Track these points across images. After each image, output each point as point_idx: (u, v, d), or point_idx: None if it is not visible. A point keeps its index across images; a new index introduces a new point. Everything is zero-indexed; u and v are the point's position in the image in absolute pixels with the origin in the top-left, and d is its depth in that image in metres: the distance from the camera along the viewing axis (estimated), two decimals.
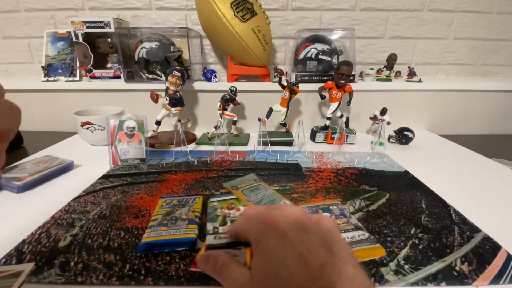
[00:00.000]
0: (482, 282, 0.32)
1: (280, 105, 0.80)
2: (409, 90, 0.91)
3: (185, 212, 0.41)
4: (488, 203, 0.49)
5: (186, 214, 0.41)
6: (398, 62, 0.93)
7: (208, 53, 0.99)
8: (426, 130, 0.95)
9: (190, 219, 0.40)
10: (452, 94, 0.92)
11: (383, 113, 0.79)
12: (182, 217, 0.40)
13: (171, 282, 0.32)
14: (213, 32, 0.82)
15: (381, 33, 0.97)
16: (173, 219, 0.40)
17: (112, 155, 0.62)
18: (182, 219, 0.40)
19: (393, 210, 0.46)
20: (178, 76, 0.72)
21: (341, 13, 0.94)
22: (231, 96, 0.79)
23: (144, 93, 0.83)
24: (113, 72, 0.89)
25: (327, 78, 0.86)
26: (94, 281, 0.32)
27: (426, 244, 0.38)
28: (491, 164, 0.67)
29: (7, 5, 0.92)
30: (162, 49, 0.85)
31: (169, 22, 0.94)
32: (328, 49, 0.86)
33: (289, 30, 0.95)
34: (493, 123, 0.97)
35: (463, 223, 0.43)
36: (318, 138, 0.82)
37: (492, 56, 1.02)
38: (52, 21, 0.94)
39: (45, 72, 0.93)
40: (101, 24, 0.84)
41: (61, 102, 0.91)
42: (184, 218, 0.40)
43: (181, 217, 0.40)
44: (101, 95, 0.90)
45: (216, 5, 0.74)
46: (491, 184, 0.56)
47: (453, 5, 0.94)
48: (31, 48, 0.98)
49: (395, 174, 0.60)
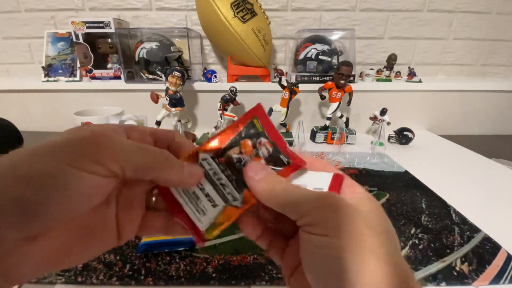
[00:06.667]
0: (482, 282, 0.32)
1: (280, 106, 0.80)
2: (409, 90, 0.91)
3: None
4: (488, 203, 0.49)
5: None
6: (398, 62, 0.93)
7: (208, 54, 0.99)
8: (426, 130, 0.95)
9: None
10: (452, 94, 0.92)
11: (383, 114, 0.79)
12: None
13: (171, 282, 0.32)
14: (213, 32, 0.82)
15: (381, 34, 0.97)
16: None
17: None
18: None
19: (393, 210, 0.46)
20: (178, 76, 0.72)
21: (341, 14, 0.94)
22: (231, 97, 0.79)
23: (144, 94, 0.83)
24: (113, 73, 0.89)
25: (327, 79, 0.86)
26: (94, 281, 0.32)
27: (426, 244, 0.38)
28: (491, 164, 0.67)
29: (8, 5, 0.92)
30: (162, 49, 0.85)
31: (169, 22, 0.94)
32: (328, 49, 0.86)
33: (289, 30, 0.95)
34: (493, 123, 0.97)
35: (463, 223, 0.43)
36: (318, 138, 0.82)
37: (492, 56, 1.02)
38: (53, 21, 0.94)
39: (46, 72, 0.93)
40: (101, 24, 0.84)
41: (61, 103, 0.92)
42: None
43: None
44: (101, 95, 0.90)
45: (216, 6, 0.74)
46: (491, 184, 0.56)
47: (453, 5, 0.94)
48: (32, 49, 0.98)
49: (395, 174, 0.60)
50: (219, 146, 0.20)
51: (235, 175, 0.20)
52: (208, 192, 0.20)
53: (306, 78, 0.88)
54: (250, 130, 0.21)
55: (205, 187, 0.20)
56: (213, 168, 0.20)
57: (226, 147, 0.20)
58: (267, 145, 0.21)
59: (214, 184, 0.20)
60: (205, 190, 0.20)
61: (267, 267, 0.34)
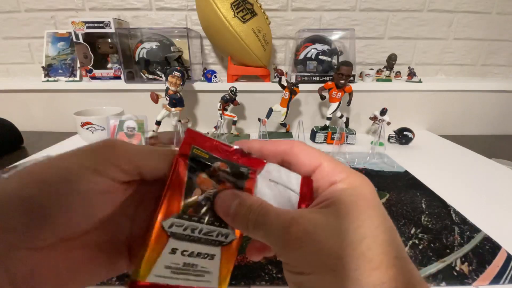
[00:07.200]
0: (482, 282, 0.32)
1: (280, 106, 0.80)
2: (409, 90, 0.91)
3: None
4: (488, 203, 0.49)
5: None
6: (398, 62, 0.93)
7: (208, 54, 0.99)
8: (426, 130, 0.95)
9: None
10: (452, 94, 0.92)
11: (383, 114, 0.79)
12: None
13: None
14: (213, 32, 0.82)
15: (381, 34, 0.97)
16: None
17: None
18: None
19: (393, 210, 0.46)
20: (178, 76, 0.72)
21: (341, 14, 0.94)
22: (231, 97, 0.79)
23: (144, 94, 0.83)
24: (113, 73, 0.89)
25: (327, 79, 0.86)
26: None
27: (426, 244, 0.38)
28: (491, 164, 0.67)
29: (7, 5, 0.92)
30: (162, 49, 0.85)
31: (169, 22, 0.94)
32: (328, 49, 0.86)
33: (289, 30, 0.95)
34: (493, 123, 0.97)
35: (463, 223, 0.43)
36: (318, 138, 0.82)
37: (492, 56, 1.02)
38: (53, 21, 0.94)
39: (46, 72, 0.93)
40: (101, 24, 0.84)
41: (61, 103, 0.92)
42: None
43: None
44: (101, 95, 0.90)
45: (216, 6, 0.74)
46: (491, 184, 0.56)
47: (453, 5, 0.94)
48: (32, 49, 0.98)
49: (395, 174, 0.60)
50: (177, 207, 0.17)
51: (213, 214, 0.18)
52: (198, 251, 0.17)
53: (306, 78, 0.88)
54: (197, 164, 0.17)
55: (190, 249, 0.17)
56: (186, 226, 0.17)
57: (185, 202, 0.17)
58: (222, 167, 0.18)
59: (197, 240, 0.17)
60: (194, 252, 0.17)
61: (267, 267, 0.34)
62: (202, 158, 0.18)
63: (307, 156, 0.19)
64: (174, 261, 0.17)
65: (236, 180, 0.18)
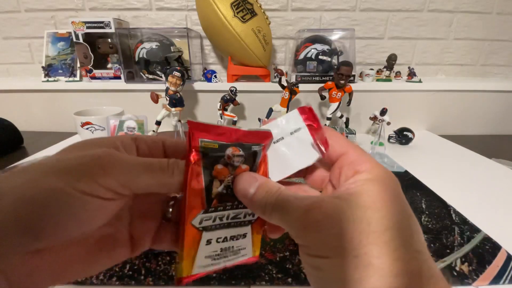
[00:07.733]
0: (482, 282, 0.32)
1: (280, 106, 0.80)
2: (409, 90, 0.91)
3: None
4: (488, 203, 0.49)
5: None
6: (398, 62, 0.93)
7: (208, 54, 0.99)
8: (426, 130, 0.95)
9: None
10: (452, 95, 0.92)
11: (383, 114, 0.79)
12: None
13: (171, 282, 0.32)
14: (213, 32, 0.82)
15: (381, 34, 0.97)
16: None
17: None
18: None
19: None
20: (178, 76, 0.72)
21: (341, 14, 0.94)
22: (231, 97, 0.79)
23: (144, 94, 0.83)
24: (113, 73, 0.89)
25: (327, 79, 0.86)
26: (94, 281, 0.32)
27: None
28: (491, 164, 0.67)
29: (7, 5, 0.92)
30: (162, 49, 0.85)
31: (169, 22, 0.94)
32: (328, 49, 0.86)
33: (289, 30, 0.95)
34: (493, 123, 0.97)
35: (463, 223, 0.43)
36: None
37: (492, 56, 1.02)
38: (53, 21, 0.94)
39: (45, 72, 0.93)
40: (101, 24, 0.84)
41: (61, 102, 0.92)
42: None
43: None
44: (101, 95, 0.90)
45: (216, 6, 0.74)
46: (491, 184, 0.56)
47: (453, 5, 0.94)
48: (32, 49, 0.98)
49: (395, 174, 0.60)
50: (201, 204, 0.17)
51: (236, 198, 0.18)
52: (231, 235, 0.19)
53: (306, 78, 0.88)
54: (209, 158, 0.17)
55: (223, 235, 0.19)
56: (214, 217, 0.18)
57: (208, 197, 0.17)
58: (235, 151, 0.18)
59: (228, 225, 0.19)
60: (227, 237, 0.19)
61: (267, 267, 0.34)
62: (213, 149, 0.17)
63: (336, 141, 0.19)
64: (212, 250, 0.18)
65: (251, 159, 0.19)
